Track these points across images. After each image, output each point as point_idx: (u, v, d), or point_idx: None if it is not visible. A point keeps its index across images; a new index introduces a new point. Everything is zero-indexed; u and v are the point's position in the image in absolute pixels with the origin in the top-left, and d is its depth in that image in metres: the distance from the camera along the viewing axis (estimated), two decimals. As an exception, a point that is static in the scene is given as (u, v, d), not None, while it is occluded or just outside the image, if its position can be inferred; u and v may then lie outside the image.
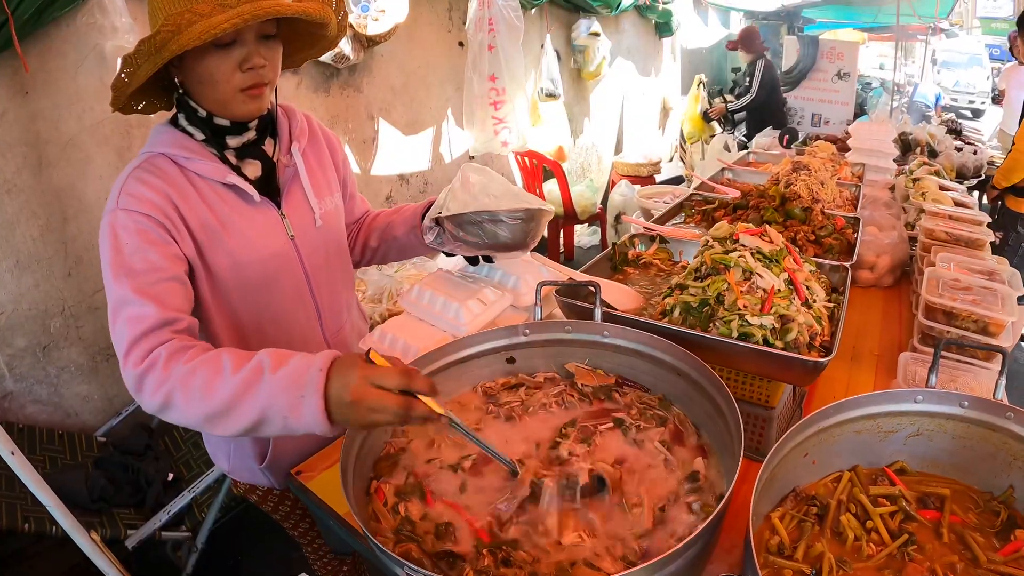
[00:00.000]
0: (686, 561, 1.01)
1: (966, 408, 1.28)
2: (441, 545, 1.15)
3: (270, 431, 1.23)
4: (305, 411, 1.16)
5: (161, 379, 1.26)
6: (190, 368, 1.25)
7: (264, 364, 1.23)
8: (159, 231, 1.42)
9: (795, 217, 2.31)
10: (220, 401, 1.21)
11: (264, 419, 1.21)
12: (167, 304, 1.36)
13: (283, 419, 1.19)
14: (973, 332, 1.92)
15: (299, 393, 1.16)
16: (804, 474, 1.30)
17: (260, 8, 1.33)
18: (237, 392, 1.21)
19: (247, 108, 1.51)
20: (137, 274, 1.36)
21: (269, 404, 1.19)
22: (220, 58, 1.40)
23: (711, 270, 1.57)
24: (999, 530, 1.21)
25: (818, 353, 1.45)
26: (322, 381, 1.16)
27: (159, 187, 1.45)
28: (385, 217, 1.97)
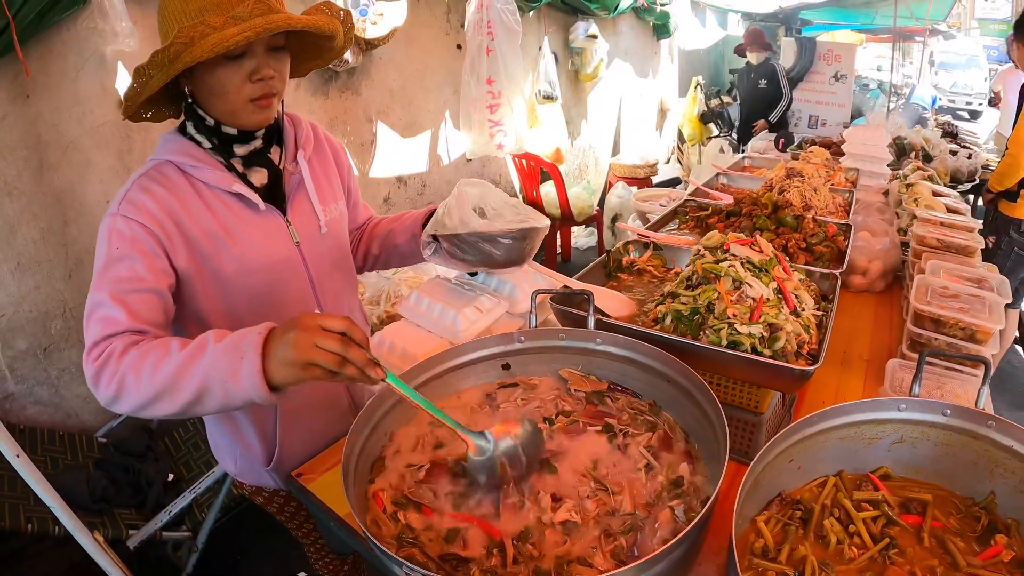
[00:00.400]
0: (672, 562, 1.04)
1: (948, 417, 1.31)
2: (448, 548, 1.18)
3: (212, 403, 1.26)
4: (244, 373, 1.19)
5: (114, 370, 1.30)
6: (140, 352, 1.29)
7: (208, 338, 1.27)
8: (152, 243, 1.45)
9: (787, 225, 2.35)
10: (165, 377, 1.25)
11: (205, 389, 1.24)
12: (138, 316, 1.39)
13: (223, 385, 1.22)
14: (961, 339, 1.95)
15: (239, 355, 1.20)
16: (790, 479, 1.33)
17: (271, 22, 1.37)
18: (181, 365, 1.24)
19: (256, 118, 1.54)
20: (120, 280, 1.40)
21: (209, 372, 1.22)
22: (231, 69, 1.44)
23: (702, 279, 1.61)
24: (980, 535, 1.24)
25: (805, 361, 1.49)
26: (260, 341, 1.20)
27: (162, 197, 1.47)
28: (386, 225, 1.99)
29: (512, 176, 6.64)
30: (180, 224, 1.49)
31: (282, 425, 1.75)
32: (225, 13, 1.36)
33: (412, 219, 1.90)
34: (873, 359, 2.18)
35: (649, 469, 1.33)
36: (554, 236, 6.41)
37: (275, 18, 1.38)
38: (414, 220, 1.88)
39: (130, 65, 3.15)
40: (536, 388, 1.58)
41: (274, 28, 1.38)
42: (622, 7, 7.23)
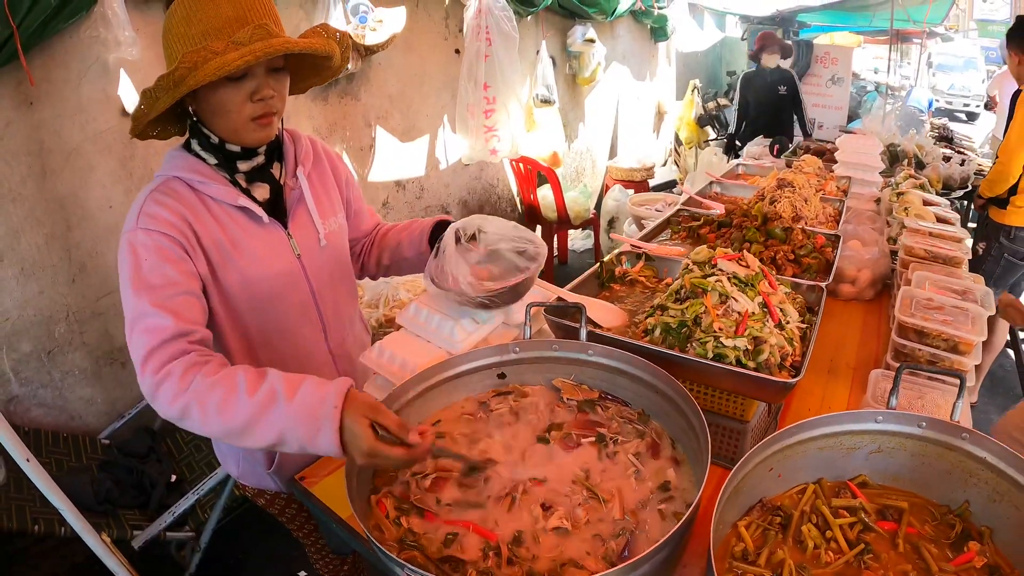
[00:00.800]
0: (656, 564, 1.10)
1: (924, 429, 1.37)
2: (446, 551, 1.24)
3: (287, 450, 1.35)
4: (321, 442, 1.27)
5: (178, 390, 1.35)
6: (208, 384, 1.34)
7: (278, 391, 1.32)
8: (176, 249, 1.52)
9: (776, 237, 2.40)
10: (236, 422, 1.31)
11: (282, 442, 1.31)
12: (183, 316, 1.45)
13: (300, 445, 1.30)
14: (944, 350, 2.00)
15: (315, 426, 1.27)
16: (771, 486, 1.38)
17: (270, 46, 1.43)
18: (253, 415, 1.31)
19: (257, 136, 1.61)
20: (155, 288, 1.45)
21: (285, 430, 1.30)
22: (232, 90, 1.50)
23: (690, 293, 1.67)
24: (953, 541, 1.30)
25: (788, 373, 1.55)
26: (337, 421, 1.26)
27: (176, 208, 1.54)
28: (395, 236, 2.05)
29: (510, 180, 6.69)
30: (196, 233, 1.57)
31: None
32: (226, 38, 1.43)
33: (419, 231, 1.96)
34: (860, 367, 2.23)
35: (637, 475, 1.39)
36: (551, 239, 6.47)
37: (274, 43, 1.44)
38: (421, 233, 1.95)
39: (132, 72, 3.20)
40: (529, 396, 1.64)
41: (272, 52, 1.44)
42: (620, 11, 7.26)
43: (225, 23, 1.44)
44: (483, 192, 6.39)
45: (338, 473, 1.74)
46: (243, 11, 1.46)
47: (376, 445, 1.24)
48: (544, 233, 6.50)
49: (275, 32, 1.48)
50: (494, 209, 6.59)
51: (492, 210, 6.55)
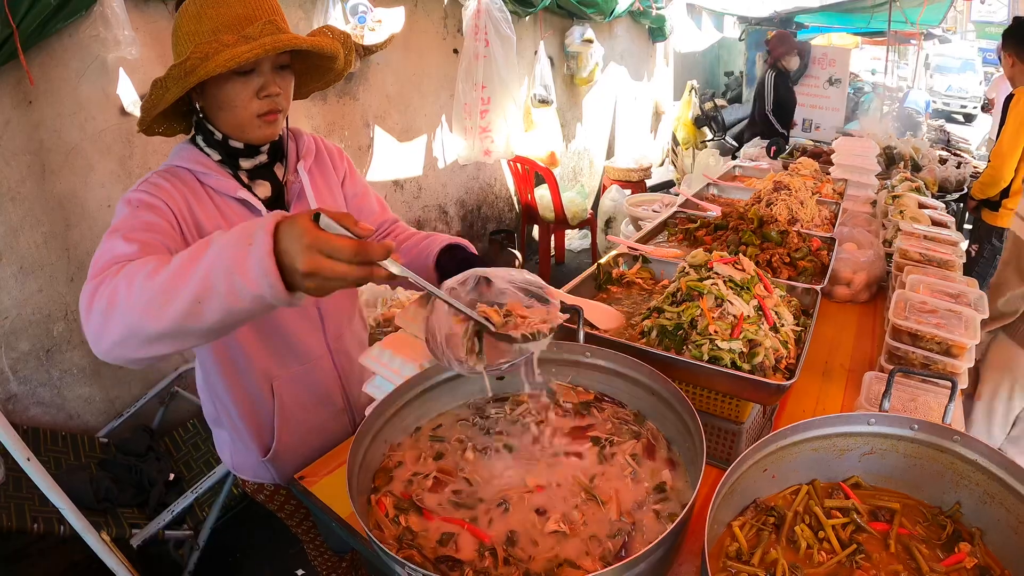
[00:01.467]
0: (651, 563, 1.12)
1: (916, 431, 1.39)
2: (443, 551, 1.25)
3: (213, 307, 1.09)
4: (252, 262, 1.03)
5: (108, 284, 1.20)
6: (140, 261, 1.21)
7: (214, 235, 1.14)
8: (169, 215, 1.52)
9: (772, 240, 2.42)
10: (162, 280, 1.12)
11: (206, 288, 1.08)
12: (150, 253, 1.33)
13: (228, 277, 1.06)
14: (937, 353, 2.02)
15: (247, 242, 1.05)
16: (765, 487, 1.41)
17: (279, 41, 1.46)
18: (181, 265, 1.12)
19: (262, 132, 1.63)
20: (135, 229, 1.42)
21: (213, 264, 1.08)
22: (240, 85, 1.53)
23: (686, 296, 1.69)
24: (944, 542, 1.32)
25: (783, 376, 1.57)
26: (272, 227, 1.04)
27: (180, 188, 1.58)
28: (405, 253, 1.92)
29: (507, 180, 6.70)
30: (195, 216, 1.59)
31: (279, 418, 1.85)
32: (237, 32, 1.46)
33: (426, 256, 1.84)
34: (855, 369, 2.25)
35: (634, 476, 1.41)
36: (548, 239, 6.49)
37: (282, 38, 1.47)
38: (427, 257, 1.83)
39: (132, 72, 3.21)
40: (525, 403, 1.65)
41: (281, 47, 1.47)
42: (618, 11, 7.28)
43: (235, 20, 1.48)
44: (480, 192, 6.41)
45: (337, 473, 1.75)
46: (252, 9, 1.50)
47: (318, 233, 1.00)
48: (541, 233, 6.52)
49: (284, 28, 1.51)
50: (491, 208, 6.61)
51: (489, 210, 6.57)
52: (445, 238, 1.87)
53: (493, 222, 6.69)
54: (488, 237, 6.43)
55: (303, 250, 1.00)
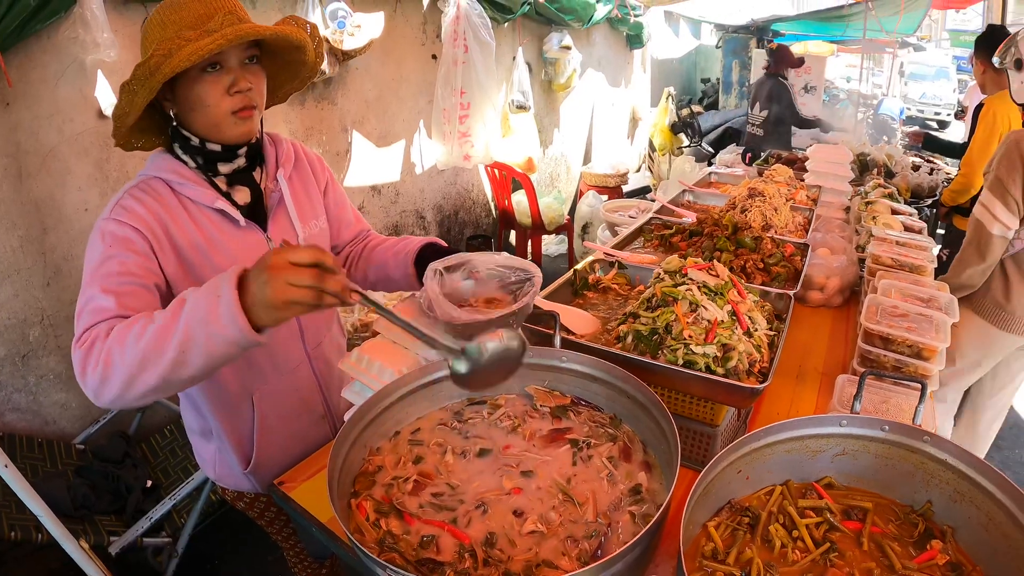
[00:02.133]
0: (628, 564, 1.14)
1: (887, 432, 1.42)
2: (424, 553, 1.26)
3: (196, 356, 1.25)
4: (222, 311, 1.18)
5: (99, 349, 1.31)
6: (125, 324, 1.32)
7: (188, 292, 1.28)
8: (142, 243, 1.53)
9: (745, 246, 2.45)
10: (149, 339, 1.25)
11: (187, 340, 1.23)
12: (125, 303, 1.43)
13: (204, 329, 1.21)
14: (908, 356, 2.06)
15: (215, 296, 1.20)
16: (739, 488, 1.43)
17: (241, 30, 1.47)
18: (163, 324, 1.25)
19: (238, 130, 1.63)
20: (110, 275, 1.46)
21: (190, 320, 1.23)
22: (210, 83, 1.54)
23: (661, 301, 1.72)
24: (916, 540, 1.35)
25: (756, 379, 1.60)
26: (234, 278, 1.20)
27: (152, 207, 1.57)
28: (382, 254, 2.01)
29: (485, 185, 6.72)
30: (169, 233, 1.58)
31: (259, 430, 1.84)
32: (199, 28, 1.47)
33: (405, 254, 1.91)
34: (828, 373, 2.28)
35: (610, 478, 1.43)
36: (525, 244, 6.52)
37: (244, 27, 1.49)
38: (406, 256, 1.90)
39: (110, 74, 3.20)
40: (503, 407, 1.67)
41: (244, 36, 1.48)
42: (596, 18, 7.33)
43: (197, 19, 1.49)
44: (458, 197, 6.43)
45: (317, 478, 1.76)
46: (212, 8, 1.50)
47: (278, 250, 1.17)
48: (518, 238, 6.55)
49: (245, 19, 1.53)
50: (468, 214, 6.63)
51: (467, 215, 6.59)
52: (421, 239, 1.93)
53: (470, 227, 6.70)
54: (466, 242, 6.44)
55: (270, 261, 1.16)
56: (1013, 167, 2.82)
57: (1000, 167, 2.85)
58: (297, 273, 1.15)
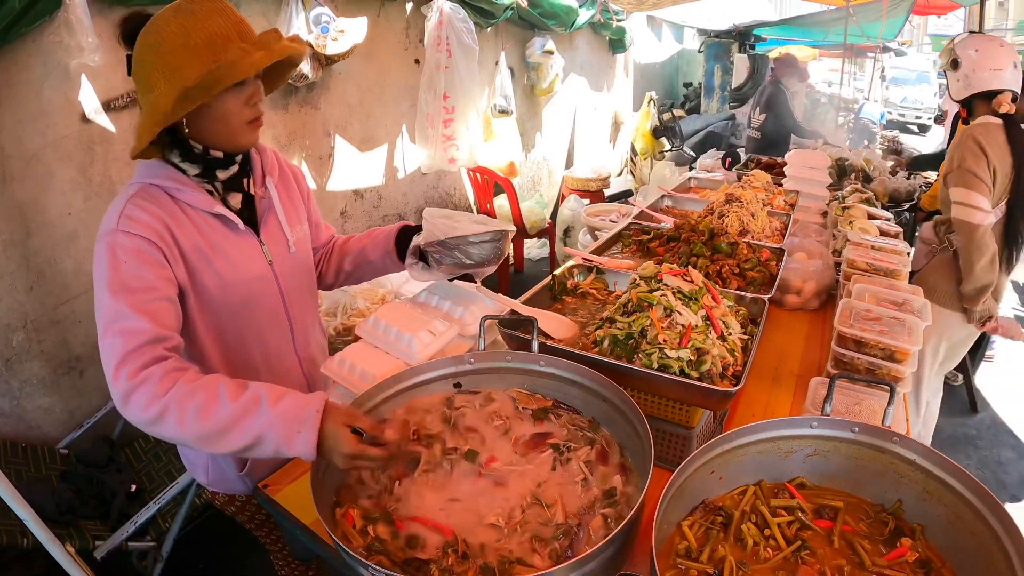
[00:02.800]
0: (602, 562, 1.18)
1: (856, 433, 1.47)
2: (411, 553, 1.30)
3: (256, 454, 1.40)
4: (298, 445, 1.34)
5: (154, 394, 1.37)
6: (188, 390, 1.38)
7: (262, 396, 1.39)
8: (156, 253, 1.56)
9: (722, 251, 2.50)
10: (215, 424, 1.36)
11: (257, 444, 1.37)
12: (160, 322, 1.48)
13: (276, 447, 1.36)
14: (881, 359, 2.10)
15: (296, 429, 1.34)
16: (713, 488, 1.47)
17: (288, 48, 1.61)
18: (234, 417, 1.37)
19: (251, 138, 1.71)
20: (134, 291, 1.49)
21: (265, 432, 1.36)
22: (236, 95, 1.60)
23: (636, 307, 1.76)
24: (887, 538, 1.39)
25: (729, 382, 1.64)
26: (319, 419, 1.35)
27: (157, 213, 1.60)
28: (357, 242, 2.14)
29: (467, 189, 6.75)
30: (175, 238, 1.62)
31: None
32: (243, 41, 1.55)
33: (384, 236, 2.07)
34: (803, 375, 2.32)
35: (585, 482, 1.47)
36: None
37: (289, 46, 1.61)
38: (386, 236, 2.06)
39: (94, 78, 3.21)
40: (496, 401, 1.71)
41: (295, 53, 1.63)
42: (579, 23, 7.35)
43: (226, 32, 1.53)
44: (440, 201, 6.44)
45: (301, 480, 1.78)
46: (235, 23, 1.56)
47: (359, 447, 1.33)
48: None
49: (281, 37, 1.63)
50: (452, 218, 6.62)
51: (450, 219, 6.58)
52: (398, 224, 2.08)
53: (453, 231, 6.68)
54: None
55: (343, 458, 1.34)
56: (977, 156, 3.08)
57: (967, 160, 3.10)
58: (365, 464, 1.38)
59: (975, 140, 3.10)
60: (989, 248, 3.13)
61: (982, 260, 3.13)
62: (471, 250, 1.87)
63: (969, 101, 3.35)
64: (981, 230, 3.09)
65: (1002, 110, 3.17)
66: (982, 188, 3.08)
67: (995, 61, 3.20)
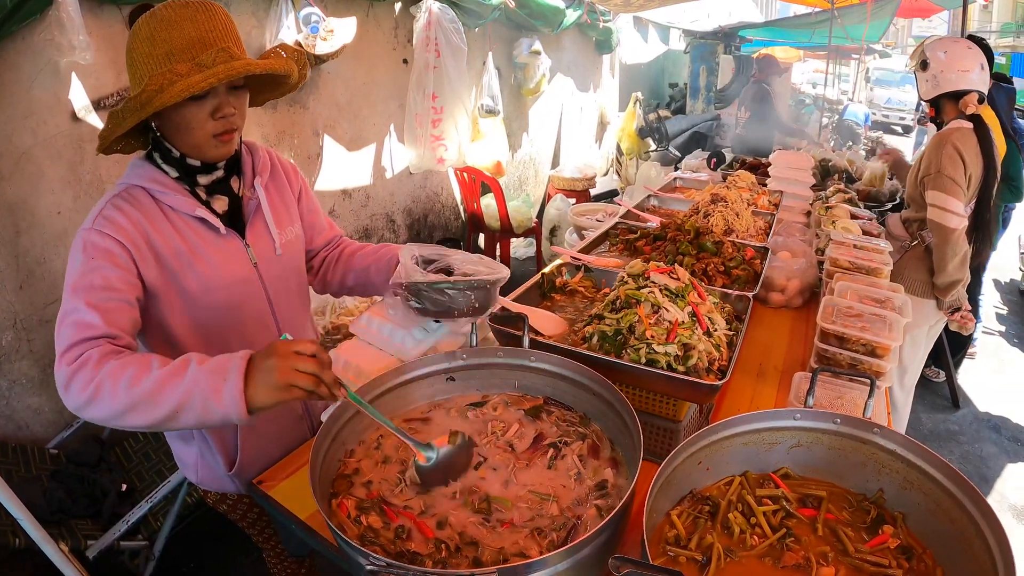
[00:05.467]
0: (596, 548, 1.22)
1: (838, 425, 1.52)
2: (403, 545, 1.34)
3: (187, 419, 1.35)
4: (225, 393, 1.31)
5: (91, 375, 1.37)
6: (120, 363, 1.38)
7: (190, 359, 1.38)
8: (124, 256, 1.57)
9: (707, 250, 2.54)
10: (144, 389, 1.34)
11: (184, 405, 1.33)
12: (113, 321, 1.48)
13: (204, 402, 1.32)
14: (863, 354, 2.15)
15: (222, 377, 1.32)
16: (700, 478, 1.52)
17: (232, 69, 1.52)
18: (161, 380, 1.34)
19: (219, 152, 1.69)
20: (95, 289, 1.50)
21: (191, 389, 1.33)
22: (195, 109, 1.58)
23: (625, 304, 1.80)
24: (869, 526, 1.44)
25: (715, 376, 1.68)
26: (243, 365, 1.33)
27: (134, 217, 1.60)
28: (363, 259, 2.06)
29: (454, 189, 6.77)
30: (150, 241, 1.62)
31: (243, 431, 1.87)
32: (190, 60, 1.52)
33: (388, 259, 1.99)
34: (787, 371, 2.37)
35: (578, 476, 1.51)
36: (493, 247, 6.57)
37: (236, 65, 1.53)
38: (388, 260, 1.98)
39: (84, 76, 3.21)
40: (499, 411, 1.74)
41: (235, 75, 1.53)
42: (566, 23, 7.37)
43: (188, 44, 1.52)
44: (427, 201, 6.47)
45: (295, 476, 1.81)
46: (205, 32, 1.54)
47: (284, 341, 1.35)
48: (487, 241, 6.62)
49: (237, 55, 1.56)
50: (438, 217, 6.67)
51: (436, 218, 6.64)
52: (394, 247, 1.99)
53: (440, 231, 6.74)
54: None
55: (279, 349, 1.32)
56: (955, 161, 3.21)
57: (945, 167, 3.22)
58: (303, 361, 1.31)
59: (954, 147, 3.22)
60: (962, 249, 3.29)
61: (955, 260, 3.29)
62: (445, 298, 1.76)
63: (937, 101, 3.45)
64: (956, 234, 3.23)
65: (968, 111, 3.30)
66: (959, 194, 3.21)
67: (962, 63, 3.32)
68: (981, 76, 3.32)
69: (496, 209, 6.13)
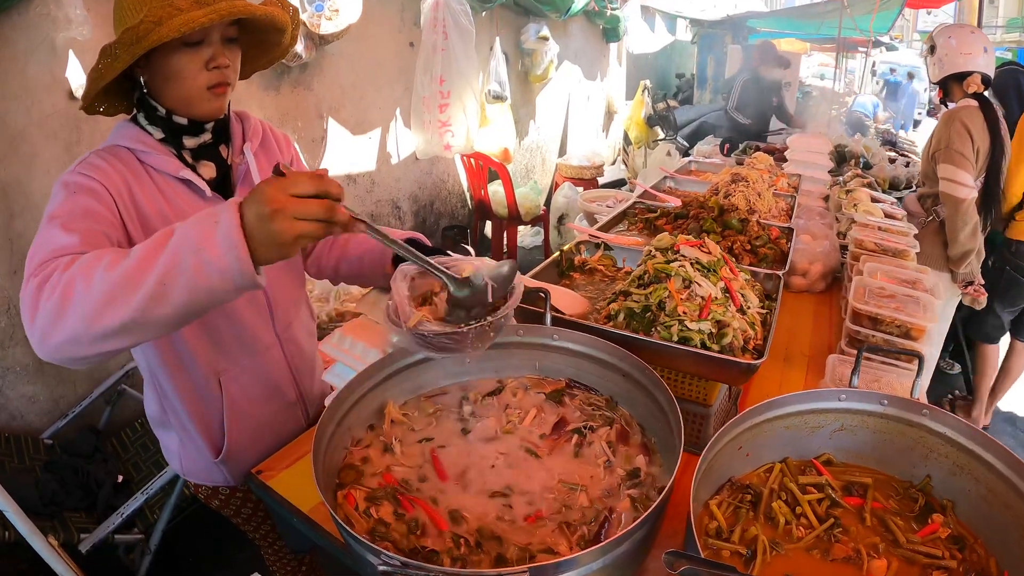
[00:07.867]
0: (633, 544, 1.11)
1: (885, 406, 1.42)
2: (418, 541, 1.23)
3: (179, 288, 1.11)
4: (220, 237, 1.08)
5: (58, 280, 1.16)
6: (95, 255, 1.18)
7: (175, 224, 1.16)
8: (108, 199, 1.45)
9: (732, 227, 2.45)
10: (124, 271, 1.12)
11: (172, 268, 1.10)
12: (95, 244, 1.32)
13: (195, 255, 1.09)
14: (896, 336, 2.06)
15: (212, 221, 1.09)
16: (739, 465, 1.42)
17: (235, 7, 1.42)
18: (143, 256, 1.12)
19: (210, 106, 1.58)
20: (75, 216, 1.35)
21: (179, 246, 1.10)
22: (189, 56, 1.48)
23: (653, 278, 1.69)
24: (917, 515, 1.35)
25: (751, 356, 1.58)
26: (236, 205, 1.09)
27: (119, 169, 1.50)
28: (357, 247, 1.89)
29: (461, 175, 6.69)
30: (135, 198, 1.51)
31: (229, 415, 1.76)
32: None
33: (380, 251, 1.79)
34: (814, 355, 2.28)
35: (608, 464, 1.40)
36: (501, 235, 6.50)
37: (238, 4, 1.43)
38: (383, 253, 1.79)
39: (81, 54, 3.11)
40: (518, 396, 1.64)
41: (238, 13, 1.43)
42: (574, 9, 7.31)
43: None
44: (433, 187, 6.38)
45: (297, 466, 1.70)
46: None
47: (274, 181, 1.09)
48: (494, 229, 6.53)
49: None
50: (444, 204, 6.59)
51: (442, 205, 6.56)
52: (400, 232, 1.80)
53: (446, 218, 6.66)
54: (441, 233, 6.38)
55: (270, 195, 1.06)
56: (963, 137, 3.44)
57: (955, 142, 3.45)
58: (305, 207, 1.07)
59: (962, 123, 3.45)
60: (972, 218, 3.49)
61: (966, 229, 3.48)
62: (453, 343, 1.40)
63: (945, 82, 3.70)
64: (966, 204, 3.44)
65: (970, 90, 3.56)
66: (968, 166, 3.43)
67: (966, 46, 3.57)
68: (985, 58, 3.57)
69: (504, 196, 6.05)
